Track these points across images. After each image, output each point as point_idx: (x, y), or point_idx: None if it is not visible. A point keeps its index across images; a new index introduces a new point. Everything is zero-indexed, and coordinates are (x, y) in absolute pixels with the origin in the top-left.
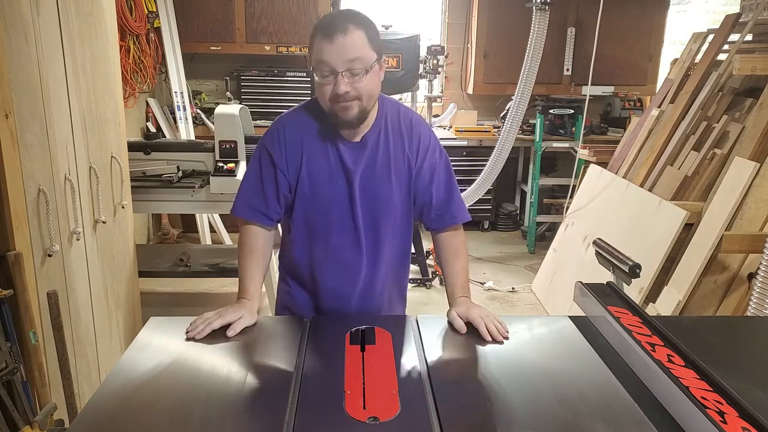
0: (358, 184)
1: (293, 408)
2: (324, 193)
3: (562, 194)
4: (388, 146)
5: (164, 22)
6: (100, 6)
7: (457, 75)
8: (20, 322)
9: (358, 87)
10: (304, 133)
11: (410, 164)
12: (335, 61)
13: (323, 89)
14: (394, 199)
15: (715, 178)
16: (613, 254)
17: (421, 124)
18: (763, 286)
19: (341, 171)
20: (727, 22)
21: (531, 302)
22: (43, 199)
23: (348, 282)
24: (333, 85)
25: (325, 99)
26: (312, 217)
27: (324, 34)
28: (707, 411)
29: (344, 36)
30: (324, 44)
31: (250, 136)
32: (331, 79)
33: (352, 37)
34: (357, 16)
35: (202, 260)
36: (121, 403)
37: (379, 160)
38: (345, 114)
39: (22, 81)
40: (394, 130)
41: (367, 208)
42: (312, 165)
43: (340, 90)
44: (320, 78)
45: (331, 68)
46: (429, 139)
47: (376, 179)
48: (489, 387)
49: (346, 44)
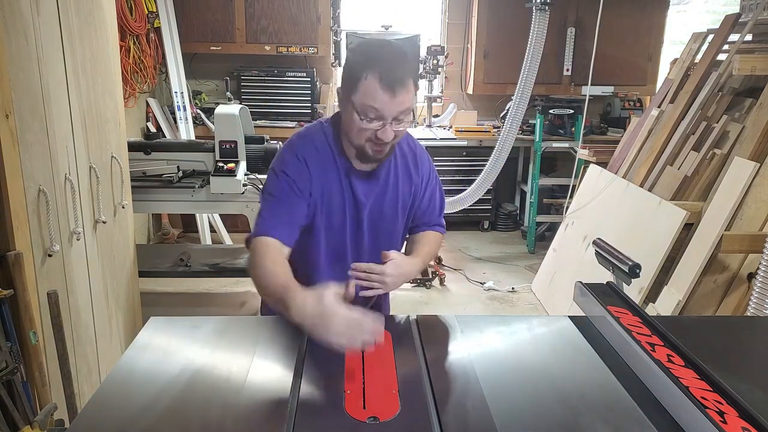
0: (367, 215)
1: (293, 408)
2: (333, 221)
3: (562, 194)
4: (397, 180)
5: (164, 22)
6: (100, 6)
7: (457, 75)
8: (20, 322)
9: (398, 132)
10: (318, 161)
11: (415, 194)
12: (389, 112)
13: (362, 130)
14: (398, 229)
15: (715, 178)
16: (613, 254)
17: (424, 154)
18: (763, 286)
19: (352, 202)
20: (727, 22)
21: (531, 302)
22: (43, 198)
23: None
24: (378, 130)
25: (360, 138)
26: (326, 243)
27: (384, 83)
28: (707, 411)
29: (405, 92)
30: (381, 94)
31: (250, 136)
32: (376, 124)
33: (408, 91)
34: (411, 64)
35: (202, 260)
36: (121, 403)
37: (389, 194)
38: (377, 154)
39: (22, 81)
40: (404, 162)
41: (372, 237)
42: (324, 193)
43: (387, 138)
44: (364, 121)
45: (382, 116)
46: (430, 170)
47: (384, 212)
48: (489, 387)
49: (404, 99)
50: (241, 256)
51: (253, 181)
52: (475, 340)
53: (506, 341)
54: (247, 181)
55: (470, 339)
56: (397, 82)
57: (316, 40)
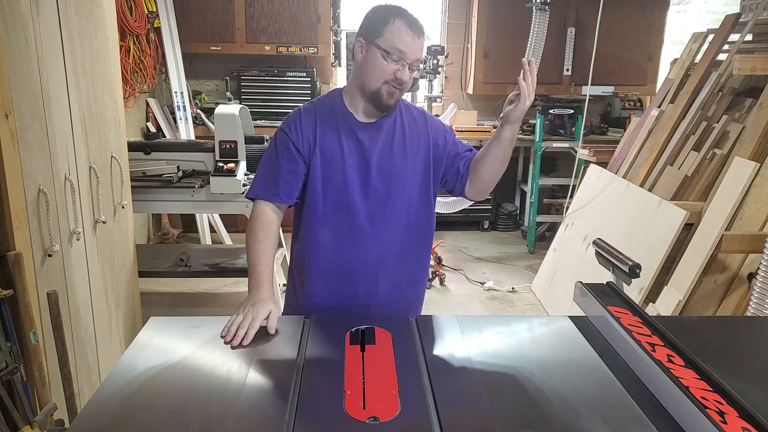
0: (375, 162)
1: (293, 408)
2: (337, 171)
3: (562, 194)
4: (404, 129)
5: (164, 22)
6: (100, 6)
7: (457, 75)
8: (20, 322)
9: (409, 81)
10: (318, 117)
11: (428, 147)
12: (411, 54)
13: (384, 70)
14: (409, 176)
15: (715, 178)
16: (613, 254)
17: (436, 119)
18: (763, 286)
19: (356, 149)
20: (727, 22)
21: (531, 302)
22: (43, 198)
23: (362, 257)
24: (399, 70)
25: (379, 81)
26: (324, 198)
27: (410, 26)
28: (707, 411)
29: (423, 37)
30: (408, 37)
31: (250, 136)
32: (398, 65)
33: (424, 40)
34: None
35: (202, 260)
36: (121, 403)
37: (396, 141)
38: (390, 98)
39: (22, 81)
40: (409, 116)
41: (383, 184)
42: (325, 143)
43: (405, 77)
44: (389, 61)
45: (405, 58)
46: (442, 125)
47: (393, 158)
48: (489, 387)
49: (421, 45)
50: (241, 256)
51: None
52: (475, 340)
53: (506, 341)
54: (247, 181)
55: (470, 339)
56: (420, 28)
57: (316, 40)
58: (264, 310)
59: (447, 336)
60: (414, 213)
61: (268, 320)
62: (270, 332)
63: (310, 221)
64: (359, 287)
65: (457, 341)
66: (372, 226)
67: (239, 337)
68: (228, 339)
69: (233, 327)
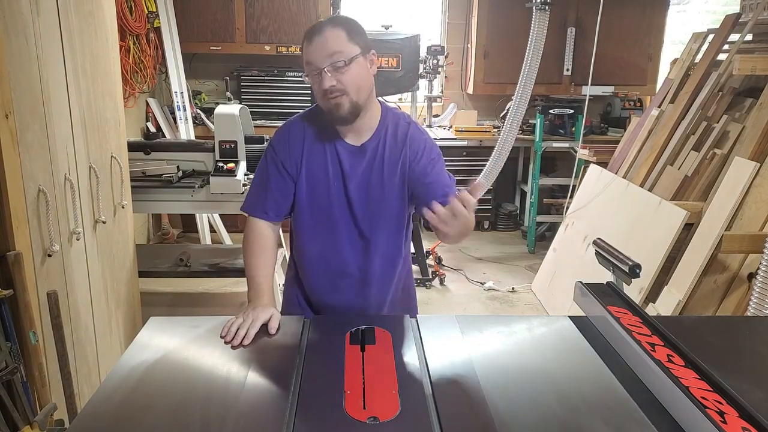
0: (354, 187)
1: (293, 408)
2: (322, 191)
3: (562, 194)
4: (384, 154)
5: (164, 22)
6: (100, 6)
7: (457, 75)
8: (20, 322)
9: (343, 80)
10: (307, 133)
11: (404, 167)
12: (317, 59)
13: (315, 89)
14: (388, 201)
15: (715, 178)
16: (613, 254)
17: (421, 134)
18: (763, 286)
19: (339, 173)
20: (727, 22)
21: (531, 302)
22: (43, 199)
23: (350, 273)
24: (319, 81)
25: (320, 99)
26: (310, 215)
27: (306, 38)
28: (707, 411)
29: (320, 35)
30: (309, 47)
31: (250, 136)
32: (317, 77)
33: (328, 35)
34: (336, 19)
35: (202, 260)
36: (121, 403)
37: (376, 167)
38: (338, 110)
39: (22, 81)
40: (393, 141)
41: (364, 209)
42: (311, 164)
43: (325, 85)
44: (310, 78)
45: (316, 66)
46: (425, 143)
47: (372, 183)
48: (489, 387)
49: (323, 41)
50: (240, 256)
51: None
52: (475, 340)
53: (506, 341)
54: (247, 181)
55: (470, 339)
56: (312, 32)
57: None
58: (265, 313)
59: (447, 336)
60: (393, 236)
61: (270, 322)
62: (271, 332)
63: (299, 234)
64: (350, 297)
65: (457, 341)
66: (353, 247)
67: (239, 337)
68: (228, 339)
69: (233, 327)
